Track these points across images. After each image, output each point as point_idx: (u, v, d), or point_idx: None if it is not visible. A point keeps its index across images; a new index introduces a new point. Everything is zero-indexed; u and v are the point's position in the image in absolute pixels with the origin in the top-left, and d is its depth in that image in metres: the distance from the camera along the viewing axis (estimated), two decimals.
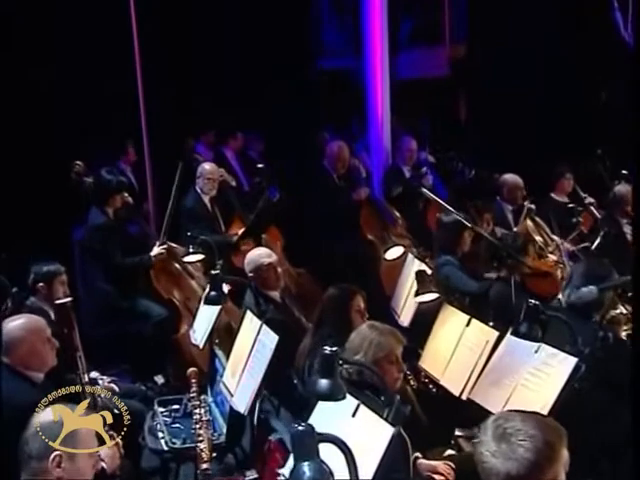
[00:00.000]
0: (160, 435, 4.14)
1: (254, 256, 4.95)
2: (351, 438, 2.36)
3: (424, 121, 7.68)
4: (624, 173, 6.04)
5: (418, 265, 4.89)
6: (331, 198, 6.81)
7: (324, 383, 2.66)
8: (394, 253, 5.41)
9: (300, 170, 7.50)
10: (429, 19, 9.58)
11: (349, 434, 2.57)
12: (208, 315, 4.66)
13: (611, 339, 3.61)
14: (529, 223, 5.62)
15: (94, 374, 4.35)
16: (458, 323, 4.16)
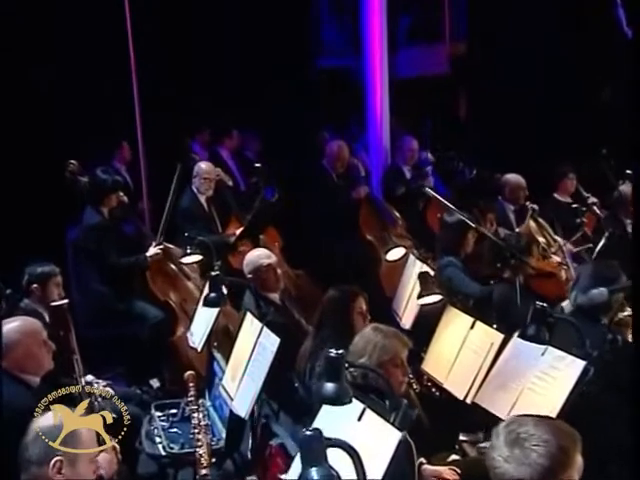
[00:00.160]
0: (158, 440, 4.09)
1: (253, 257, 4.88)
2: (357, 443, 2.30)
3: (425, 120, 7.60)
4: (629, 173, 5.99)
5: (420, 266, 4.83)
6: (330, 197, 6.77)
7: (330, 387, 2.60)
8: (396, 254, 5.34)
9: (298, 169, 7.44)
10: (428, 16, 9.49)
11: (355, 439, 2.50)
12: (206, 317, 4.59)
13: (620, 342, 3.56)
14: (532, 224, 5.56)
15: (89, 378, 4.28)
16: (462, 325, 4.11)
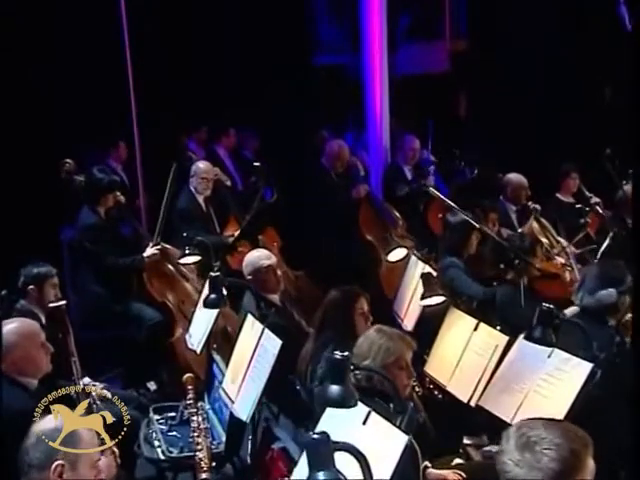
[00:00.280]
0: (156, 444, 4.03)
1: (253, 258, 4.81)
2: (362, 447, 2.25)
3: (426, 119, 7.54)
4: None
5: (422, 267, 4.77)
6: (329, 196, 6.71)
7: (335, 389, 2.55)
8: (397, 255, 5.28)
9: (297, 168, 7.37)
10: (428, 13, 9.38)
11: (360, 442, 2.44)
12: (205, 319, 4.52)
13: (628, 344, 3.52)
14: (534, 224, 5.52)
15: (86, 380, 4.25)
16: (465, 327, 4.07)
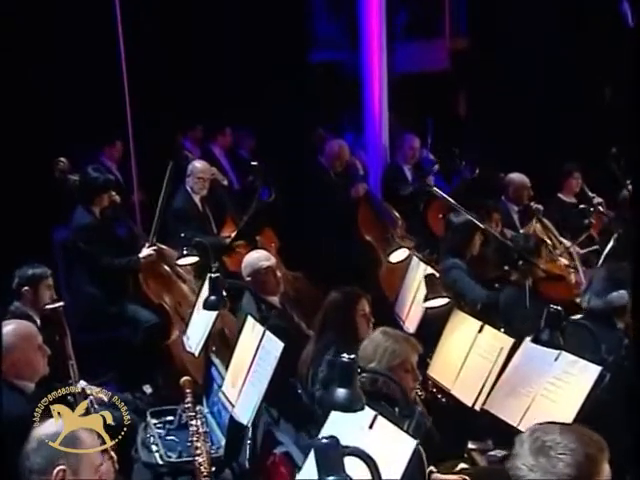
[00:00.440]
0: (154, 448, 3.96)
1: (252, 259, 4.74)
2: (369, 451, 2.21)
3: (425, 118, 7.48)
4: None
5: (424, 268, 4.71)
6: (328, 195, 6.64)
7: (342, 393, 2.50)
8: (399, 256, 5.21)
9: (294, 167, 7.31)
10: (427, 11, 9.33)
11: (366, 447, 2.39)
12: (204, 321, 4.44)
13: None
14: (537, 225, 5.47)
15: (82, 383, 4.14)
16: (469, 329, 4.02)
